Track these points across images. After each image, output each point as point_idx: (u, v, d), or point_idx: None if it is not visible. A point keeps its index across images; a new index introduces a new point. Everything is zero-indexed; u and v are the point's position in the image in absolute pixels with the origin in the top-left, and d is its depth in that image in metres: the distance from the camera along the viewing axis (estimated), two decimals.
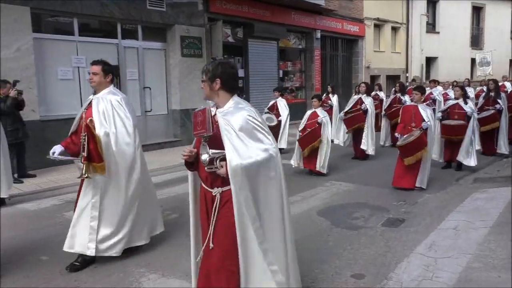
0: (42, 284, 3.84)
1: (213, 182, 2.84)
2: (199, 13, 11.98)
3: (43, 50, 9.08)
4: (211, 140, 2.76)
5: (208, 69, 2.87)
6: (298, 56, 16.99)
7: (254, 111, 2.83)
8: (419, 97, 7.00)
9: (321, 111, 8.03)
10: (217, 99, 2.89)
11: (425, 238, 4.76)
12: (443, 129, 8.13)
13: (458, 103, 8.18)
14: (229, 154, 2.64)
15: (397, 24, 21.93)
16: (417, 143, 6.61)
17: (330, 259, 4.26)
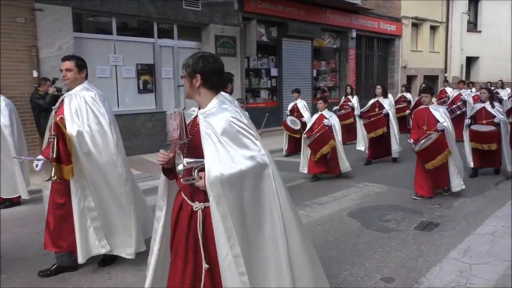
0: (76, 275, 3.97)
1: (193, 195, 2.47)
2: (233, 12, 12.06)
3: (82, 49, 9.36)
4: (191, 146, 2.45)
5: (188, 63, 2.51)
6: (333, 55, 16.81)
7: (239, 111, 2.46)
8: (429, 99, 6.48)
9: (327, 113, 7.70)
10: (198, 98, 2.53)
11: (460, 243, 4.62)
12: (472, 135, 7.46)
13: (485, 107, 7.54)
14: (208, 163, 2.27)
15: (436, 23, 21.34)
16: (436, 146, 6.10)
17: (360, 261, 4.19)
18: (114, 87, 10.03)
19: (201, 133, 2.36)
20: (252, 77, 13.44)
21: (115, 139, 3.96)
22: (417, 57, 20.34)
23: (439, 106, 6.66)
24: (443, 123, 6.20)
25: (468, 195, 6.49)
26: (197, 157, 2.35)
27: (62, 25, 8.69)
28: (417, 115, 6.63)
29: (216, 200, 2.25)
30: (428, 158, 6.18)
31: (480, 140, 7.38)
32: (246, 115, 2.54)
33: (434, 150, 6.11)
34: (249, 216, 2.34)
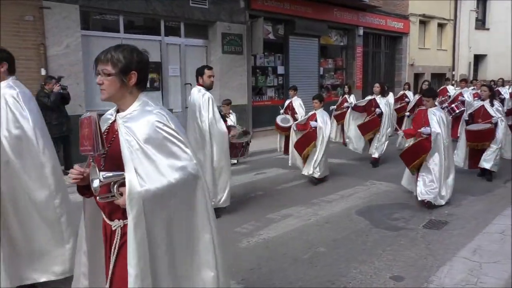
0: None
1: (112, 213, 2.12)
2: (240, 10, 12.04)
3: (90, 47, 9.39)
4: (108, 157, 2.09)
5: (116, 57, 2.06)
6: (340, 53, 16.74)
7: (166, 114, 2.11)
8: (431, 103, 6.09)
9: (321, 113, 7.32)
10: (122, 101, 2.14)
11: (470, 241, 4.59)
12: (467, 135, 7.23)
13: (484, 106, 7.25)
14: (128, 177, 1.94)
15: (444, 21, 21.18)
16: (416, 148, 5.89)
17: (369, 259, 4.18)
18: None
19: (121, 141, 2.01)
20: (258, 75, 13.41)
21: (41, 145, 3.44)
22: (425, 55, 20.21)
23: (438, 110, 6.19)
24: (427, 127, 5.84)
25: (476, 194, 6.46)
26: (117, 169, 1.99)
27: (69, 23, 8.71)
28: (417, 116, 6.46)
29: (134, 221, 1.91)
30: (408, 161, 5.99)
31: (475, 139, 7.15)
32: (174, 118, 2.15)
33: (413, 153, 5.94)
34: (179, 239, 2.06)
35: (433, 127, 5.81)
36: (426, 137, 5.82)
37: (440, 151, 5.81)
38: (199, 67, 5.68)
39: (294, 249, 4.45)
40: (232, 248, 4.50)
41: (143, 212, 1.92)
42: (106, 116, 2.29)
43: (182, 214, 2.07)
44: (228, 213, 5.70)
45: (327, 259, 4.20)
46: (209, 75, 5.51)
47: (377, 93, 8.84)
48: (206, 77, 5.49)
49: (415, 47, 19.64)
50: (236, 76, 12.08)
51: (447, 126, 6.01)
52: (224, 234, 4.88)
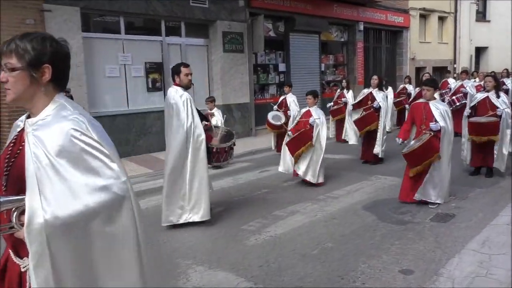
0: None
1: (19, 248, 1.66)
2: (240, 8, 12.03)
3: (91, 49, 9.40)
4: (12, 175, 1.66)
5: (23, 47, 1.62)
6: (340, 49, 16.71)
7: (86, 121, 1.66)
8: (431, 93, 5.69)
9: (315, 110, 6.89)
10: (33, 103, 1.70)
11: (478, 234, 4.58)
12: (470, 127, 6.78)
13: (489, 97, 6.82)
14: (30, 202, 1.51)
15: (444, 14, 21.11)
16: (425, 149, 5.39)
17: (378, 254, 4.17)
18: (124, 86, 10.05)
19: (26, 154, 1.58)
20: (260, 72, 13.40)
21: None
22: (426, 49, 20.16)
23: (440, 103, 5.91)
24: (437, 123, 5.47)
25: (483, 186, 6.44)
26: (22, 191, 1.57)
27: (70, 25, 8.72)
28: (414, 110, 5.89)
29: (34, 262, 1.50)
30: (414, 162, 5.52)
31: (479, 132, 6.72)
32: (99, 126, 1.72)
33: (423, 154, 5.42)
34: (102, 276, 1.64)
35: (440, 122, 5.46)
36: (435, 133, 5.42)
37: (447, 148, 5.53)
38: (175, 65, 5.25)
39: (302, 245, 4.45)
40: (240, 246, 4.51)
41: (46, 248, 1.49)
42: (17, 123, 1.81)
43: (104, 247, 1.61)
44: (234, 211, 5.71)
45: (335, 254, 4.20)
46: (186, 73, 5.05)
47: (374, 86, 8.40)
48: (183, 76, 5.04)
49: (416, 41, 19.60)
50: (237, 75, 12.07)
51: (451, 120, 5.65)
52: (231, 232, 4.91)
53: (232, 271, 3.91)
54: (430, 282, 3.57)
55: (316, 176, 6.74)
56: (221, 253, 4.36)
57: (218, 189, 6.96)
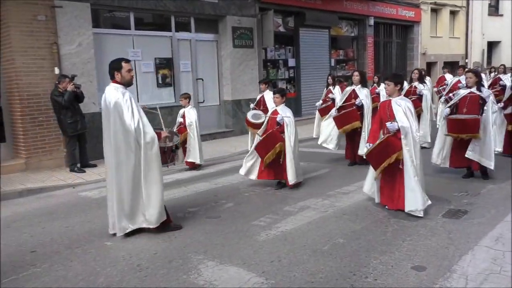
0: (108, 267, 4.02)
1: None
2: (250, 3, 11.99)
3: (102, 45, 9.44)
4: None
5: None
6: (350, 44, 16.61)
7: None
8: (392, 89, 5.26)
9: (282, 109, 6.50)
10: None
11: (491, 230, 4.52)
12: (450, 125, 6.40)
13: (472, 93, 6.50)
14: None
15: (456, 8, 20.86)
16: (382, 147, 5.09)
17: (389, 250, 4.14)
18: (134, 81, 10.03)
19: None
20: (269, 68, 13.37)
21: None
22: (437, 43, 19.95)
23: (403, 99, 5.36)
24: (394, 122, 5.09)
25: (496, 182, 6.36)
26: None
27: (81, 21, 8.76)
28: (381, 109, 5.49)
29: None
30: (375, 163, 5.22)
31: (458, 130, 6.34)
32: None
33: (382, 154, 5.11)
34: None
35: (400, 121, 5.05)
36: (392, 133, 5.09)
37: (411, 149, 5.06)
38: (114, 61, 4.73)
39: (313, 241, 4.43)
40: (251, 242, 4.50)
41: None
42: None
43: None
44: (244, 206, 5.71)
45: (347, 250, 4.18)
46: (129, 69, 4.63)
47: (356, 82, 7.84)
48: (125, 72, 4.58)
49: (427, 36, 19.40)
50: (247, 70, 12.05)
51: (415, 118, 5.25)
52: (242, 228, 4.91)
53: (243, 267, 3.91)
54: (443, 279, 3.54)
55: (295, 176, 6.35)
56: (232, 248, 4.36)
57: (228, 185, 6.97)
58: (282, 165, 6.38)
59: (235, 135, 11.57)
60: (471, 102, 6.45)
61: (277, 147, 6.28)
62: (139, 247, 4.47)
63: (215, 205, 5.86)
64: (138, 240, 4.65)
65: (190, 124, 8.05)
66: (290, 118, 6.44)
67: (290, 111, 6.59)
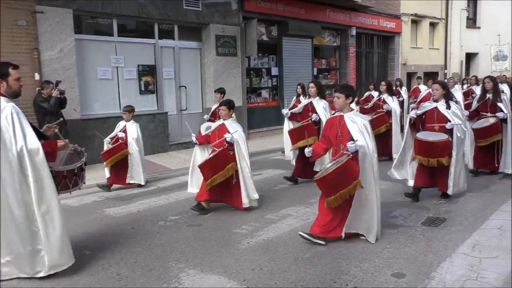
0: (86, 277, 3.96)
1: None
2: (233, 12, 12.05)
3: (84, 51, 9.36)
4: None
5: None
6: (333, 53, 16.80)
7: None
8: (342, 102, 4.53)
9: (231, 124, 5.76)
10: None
11: (468, 237, 4.61)
12: (417, 146, 5.79)
13: (437, 108, 5.86)
14: None
15: (435, 20, 21.33)
16: (341, 175, 4.22)
17: (370, 257, 4.19)
18: (116, 88, 10.01)
19: None
20: (253, 76, 13.42)
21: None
22: (417, 54, 20.35)
23: (358, 115, 4.70)
24: (356, 142, 4.30)
25: (473, 190, 6.48)
26: None
27: (63, 27, 8.67)
28: (328, 126, 4.76)
29: None
30: (328, 191, 4.34)
31: (426, 152, 5.71)
32: None
33: (338, 181, 4.25)
34: None
35: (358, 140, 4.33)
36: (352, 155, 4.29)
37: (369, 174, 4.42)
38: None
39: (294, 249, 4.45)
40: (232, 250, 4.50)
41: None
42: None
43: None
44: (226, 214, 5.70)
45: (327, 258, 4.21)
46: (17, 77, 3.92)
47: (313, 94, 7.21)
48: (12, 81, 3.87)
49: (408, 47, 19.77)
50: (230, 78, 12.08)
51: (371, 136, 4.52)
52: (223, 236, 4.90)
53: (224, 275, 3.91)
54: (422, 286, 3.59)
55: (247, 199, 5.70)
56: (213, 256, 4.34)
57: None
58: (234, 187, 5.70)
59: None
60: (439, 120, 5.82)
61: (228, 168, 5.58)
62: (118, 256, 4.42)
63: (197, 213, 5.83)
64: (118, 249, 4.60)
65: (132, 142, 7.32)
66: (239, 132, 5.67)
67: (239, 125, 5.86)
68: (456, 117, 5.75)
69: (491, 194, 6.31)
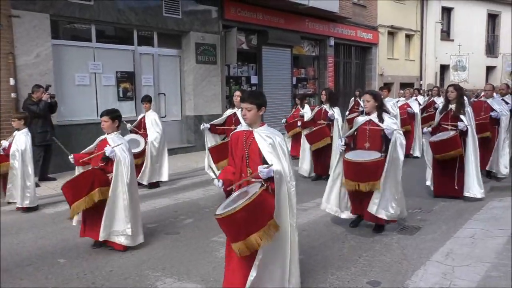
0: (61, 285, 3.89)
1: None
2: (214, 20, 12.09)
3: (61, 56, 9.23)
4: None
5: None
6: (312, 63, 17.00)
7: None
8: (254, 114, 3.42)
9: (114, 138, 4.73)
10: None
11: (442, 246, 4.71)
12: (345, 169, 5.02)
13: (372, 121, 5.11)
14: None
15: (411, 32, 21.83)
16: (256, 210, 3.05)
17: (346, 265, 4.24)
18: (94, 94, 9.89)
19: None
20: (232, 84, 13.45)
21: None
22: (393, 65, 20.77)
23: (271, 130, 3.51)
24: (271, 166, 3.20)
25: (447, 200, 6.62)
26: None
27: (39, 32, 8.54)
28: (232, 141, 3.60)
29: None
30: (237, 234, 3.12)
31: (354, 175, 4.91)
32: None
33: (251, 221, 3.05)
34: None
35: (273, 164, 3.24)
36: (265, 185, 3.23)
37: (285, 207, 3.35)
38: None
39: None
40: (210, 258, 4.48)
41: None
42: None
43: None
44: (204, 222, 5.68)
45: (305, 266, 4.23)
46: None
47: (238, 105, 6.56)
48: None
49: (384, 57, 20.17)
50: (210, 86, 12.09)
51: (287, 157, 3.42)
52: (201, 244, 4.88)
53: (201, 283, 3.89)
54: None
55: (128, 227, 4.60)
56: (190, 264, 4.32)
57: (188, 201, 6.92)
58: None
59: (197, 150, 11.49)
60: (372, 135, 5.09)
61: (94, 194, 4.49)
62: (93, 264, 4.35)
63: (175, 221, 5.80)
64: (93, 257, 4.53)
65: (16, 153, 6.25)
66: (121, 146, 4.64)
67: (123, 139, 4.86)
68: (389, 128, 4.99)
69: (465, 204, 6.45)
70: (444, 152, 6.31)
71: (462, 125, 6.30)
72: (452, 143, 6.25)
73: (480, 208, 6.12)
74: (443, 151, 6.32)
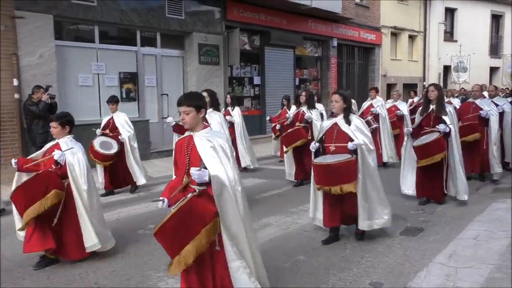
0: (63, 285, 3.90)
1: None
2: (216, 21, 12.11)
3: (64, 57, 9.27)
4: None
5: None
6: (314, 64, 17.00)
7: None
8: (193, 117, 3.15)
9: (67, 141, 4.46)
10: None
11: (445, 247, 4.69)
12: (315, 174, 4.76)
13: (337, 124, 4.85)
14: None
15: (414, 33, 21.80)
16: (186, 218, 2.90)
17: (348, 266, 4.23)
18: (97, 95, 9.93)
19: None
20: (235, 85, 13.47)
21: None
22: (397, 66, 20.74)
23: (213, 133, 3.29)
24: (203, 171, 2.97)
25: (450, 201, 6.60)
26: None
27: (43, 32, 8.58)
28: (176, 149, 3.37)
29: None
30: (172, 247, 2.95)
31: (325, 179, 4.61)
32: None
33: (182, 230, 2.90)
34: None
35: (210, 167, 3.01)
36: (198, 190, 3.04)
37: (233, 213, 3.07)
38: None
39: (274, 258, 4.46)
40: None
41: None
42: None
43: None
44: None
45: (307, 267, 4.23)
46: None
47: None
48: None
49: (388, 58, 20.14)
50: (212, 87, 12.03)
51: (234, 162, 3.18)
52: None
53: None
54: None
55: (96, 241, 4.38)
56: None
57: None
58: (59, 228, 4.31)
59: None
60: (338, 138, 4.79)
61: (51, 196, 4.10)
62: (95, 264, 4.36)
63: None
64: (95, 258, 4.53)
65: None
66: (75, 149, 4.40)
67: (77, 143, 4.54)
68: (361, 133, 4.72)
69: (467, 206, 6.43)
70: (429, 155, 5.98)
71: (443, 127, 5.95)
72: (437, 146, 5.96)
73: (483, 210, 6.10)
74: (428, 155, 5.98)
